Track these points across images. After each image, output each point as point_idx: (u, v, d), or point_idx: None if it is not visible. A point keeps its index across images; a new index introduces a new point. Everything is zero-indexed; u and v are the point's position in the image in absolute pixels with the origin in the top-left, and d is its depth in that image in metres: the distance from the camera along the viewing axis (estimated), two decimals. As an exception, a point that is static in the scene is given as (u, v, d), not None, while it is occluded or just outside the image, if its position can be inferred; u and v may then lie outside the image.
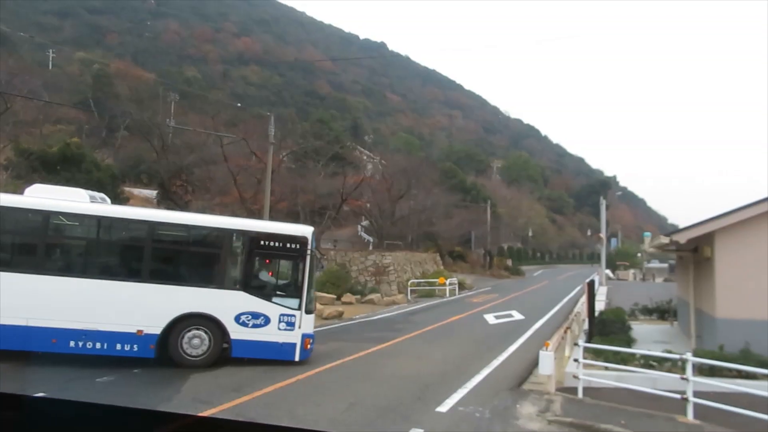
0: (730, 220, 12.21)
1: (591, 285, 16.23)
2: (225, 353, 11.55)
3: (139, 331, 11.13)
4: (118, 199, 30.57)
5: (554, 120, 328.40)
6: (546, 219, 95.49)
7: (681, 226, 16.05)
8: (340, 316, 21.79)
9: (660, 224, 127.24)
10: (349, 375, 11.26)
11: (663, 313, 20.90)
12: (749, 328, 11.22)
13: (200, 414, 7.92)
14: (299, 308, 11.89)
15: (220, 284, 11.93)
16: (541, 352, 10.44)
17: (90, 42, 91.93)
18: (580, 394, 9.84)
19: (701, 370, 9.98)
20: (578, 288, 34.94)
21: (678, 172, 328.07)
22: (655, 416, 8.61)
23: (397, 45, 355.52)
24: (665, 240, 13.97)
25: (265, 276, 12.56)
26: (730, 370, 9.61)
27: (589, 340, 12.72)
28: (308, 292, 12.10)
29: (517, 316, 22.39)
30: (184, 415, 2.21)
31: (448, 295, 32.03)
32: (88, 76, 63.86)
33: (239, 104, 51.53)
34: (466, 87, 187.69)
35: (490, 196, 65.95)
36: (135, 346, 11.11)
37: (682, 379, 8.80)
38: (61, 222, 11.83)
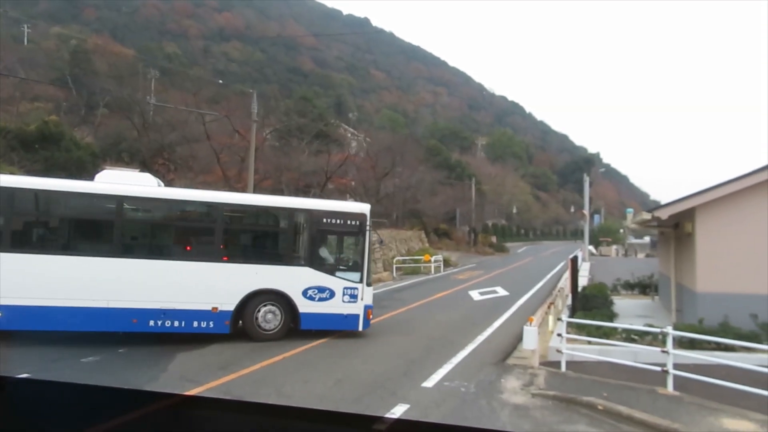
0: (710, 197, 12.36)
1: (574, 261, 16.40)
2: (294, 326, 12.21)
3: (214, 308, 11.68)
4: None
5: (539, 97, 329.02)
6: (530, 196, 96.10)
7: (663, 202, 16.23)
8: (325, 293, 21.79)
9: (642, 201, 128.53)
10: (335, 352, 11.32)
11: (645, 288, 21.24)
12: (728, 302, 11.45)
13: (187, 393, 7.93)
14: (361, 281, 12.66)
15: (288, 261, 12.60)
16: (525, 327, 10.58)
17: (66, 16, 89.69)
18: (563, 368, 10.01)
19: (681, 344, 10.18)
20: (562, 264, 35.33)
21: (660, 149, 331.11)
22: (637, 388, 8.79)
23: (381, 21, 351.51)
24: (647, 216, 14.14)
25: (328, 252, 13.22)
26: (709, 342, 9.80)
27: (572, 315, 12.89)
28: (368, 265, 12.89)
29: (501, 292, 22.62)
30: (171, 394, 2.20)
31: (433, 272, 32.21)
32: (65, 52, 62.36)
33: (221, 81, 50.79)
34: (451, 64, 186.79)
35: (474, 174, 66.03)
36: (211, 322, 11.67)
37: (663, 352, 8.97)
38: (136, 206, 12.17)
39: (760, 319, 11.09)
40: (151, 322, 11.32)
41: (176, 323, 11.47)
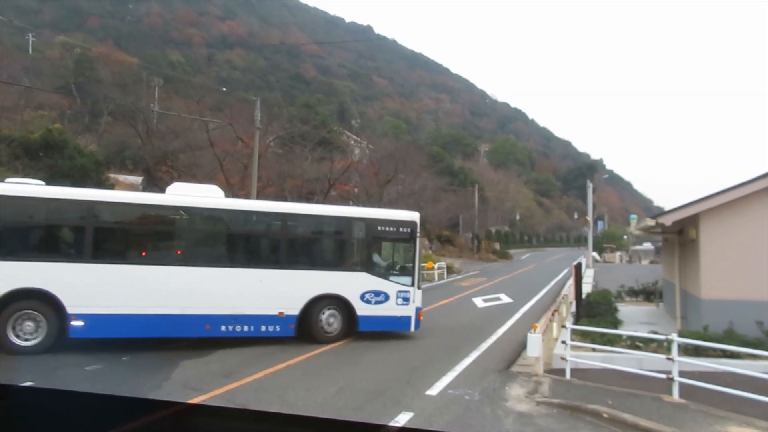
0: (714, 202, 12.32)
1: (578, 268, 16.36)
2: (350, 328, 12.95)
3: (280, 312, 12.30)
4: (102, 185, 30.21)
5: (541, 103, 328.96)
6: (533, 202, 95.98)
7: (667, 208, 16.20)
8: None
9: (646, 207, 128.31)
10: (339, 359, 11.28)
11: (649, 294, 21.17)
12: (733, 309, 11.39)
13: (190, 401, 7.92)
14: (412, 284, 13.54)
15: (347, 267, 13.43)
16: (529, 334, 10.54)
17: (71, 25, 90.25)
18: (567, 376, 9.95)
19: (686, 351, 10.13)
20: (565, 271, 35.25)
21: (664, 155, 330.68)
22: (642, 396, 8.73)
23: (383, 28, 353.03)
24: (651, 222, 14.10)
25: (383, 257, 13.96)
26: (714, 349, 9.75)
27: (576, 322, 12.85)
28: (418, 269, 13.78)
29: (505, 299, 22.56)
30: (174, 403, 2.19)
31: (436, 279, 32.16)
32: (69, 61, 62.67)
33: (224, 89, 51.04)
34: (453, 70, 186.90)
35: (477, 180, 66.03)
36: (277, 326, 12.31)
37: (668, 359, 8.92)
38: (207, 217, 12.77)
39: (766, 326, 11.03)
40: (223, 327, 11.86)
41: (246, 328, 12.03)
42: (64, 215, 11.62)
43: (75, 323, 10.77)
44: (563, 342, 10.64)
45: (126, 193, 12.66)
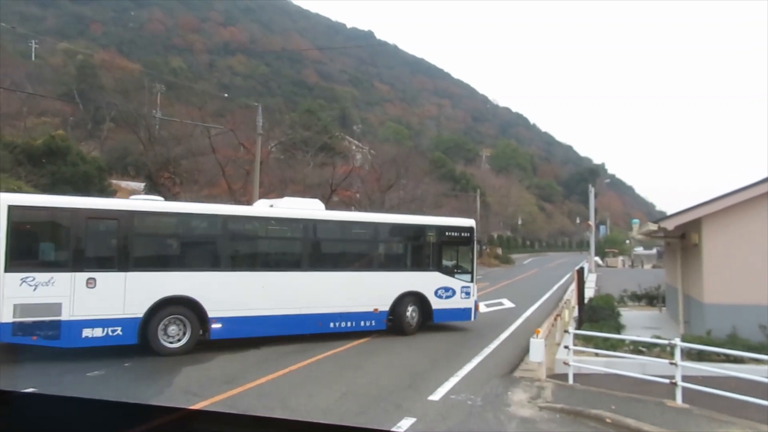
0: (716, 207, 12.30)
1: (580, 272, 16.32)
2: (426, 321, 14.98)
3: (375, 309, 14.17)
4: (105, 192, 30.26)
5: (543, 108, 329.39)
6: (535, 207, 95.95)
7: (669, 212, 16.16)
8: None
9: (648, 211, 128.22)
10: (341, 365, 11.27)
11: (652, 299, 21.10)
12: (736, 313, 11.36)
13: (192, 407, 7.91)
14: (472, 281, 15.82)
15: (423, 268, 15.33)
16: (531, 339, 10.51)
17: (73, 32, 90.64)
18: (570, 381, 9.93)
19: (690, 355, 10.10)
20: (568, 276, 35.19)
21: (666, 160, 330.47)
22: (645, 401, 8.70)
23: (384, 34, 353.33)
24: (653, 227, 14.07)
25: (449, 258, 15.87)
26: (717, 354, 9.72)
27: (579, 327, 12.81)
28: (475, 268, 16.17)
29: (507, 304, 22.51)
30: (176, 408, 2.18)
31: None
32: (72, 67, 62.96)
33: (226, 95, 51.14)
34: (455, 76, 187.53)
35: (479, 185, 66.03)
36: (373, 321, 14.11)
37: (671, 364, 8.89)
38: (314, 227, 14.12)
39: (769, 330, 10.98)
40: (331, 324, 13.48)
41: (349, 323, 13.75)
42: (203, 229, 13.05)
43: (215, 326, 11.93)
44: (566, 347, 10.60)
45: (253, 208, 14.23)
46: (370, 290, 14.17)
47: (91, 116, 49.25)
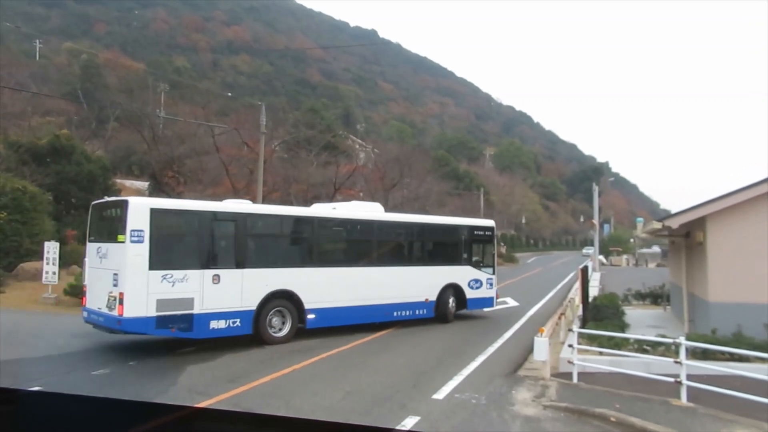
0: (721, 205, 12.24)
1: (584, 271, 16.27)
2: (460, 308, 17.09)
3: (426, 299, 16.19)
4: (109, 191, 30.36)
5: (546, 106, 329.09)
6: (539, 206, 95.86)
7: (673, 211, 16.12)
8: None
9: (652, 209, 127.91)
10: (345, 364, 11.27)
11: (656, 298, 21.04)
12: (741, 312, 11.31)
13: (197, 405, 7.92)
14: (493, 273, 18.25)
15: (459, 262, 17.40)
16: (535, 338, 10.48)
17: (77, 32, 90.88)
18: (574, 380, 9.90)
19: (694, 354, 10.07)
20: (571, 275, 35.12)
21: (671, 158, 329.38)
22: (650, 400, 8.68)
23: (388, 32, 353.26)
24: (657, 225, 14.03)
25: (476, 254, 18.07)
26: (722, 353, 9.68)
27: (583, 326, 12.78)
28: (495, 262, 18.71)
29: (511, 303, 22.48)
30: (181, 407, 2.19)
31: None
32: (76, 67, 63.13)
33: (230, 94, 51.14)
34: (458, 74, 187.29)
35: (483, 184, 65.99)
36: (424, 310, 16.13)
37: (676, 362, 8.86)
38: (380, 228, 15.89)
39: (774, 328, 10.93)
40: (395, 313, 15.37)
41: (407, 312, 15.66)
42: (300, 229, 14.48)
43: (310, 316, 13.36)
44: (570, 346, 10.58)
45: (339, 211, 15.37)
46: (423, 283, 16.12)
47: (95, 115, 49.38)
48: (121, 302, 10.68)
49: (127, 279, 10.72)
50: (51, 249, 18.51)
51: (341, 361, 11.55)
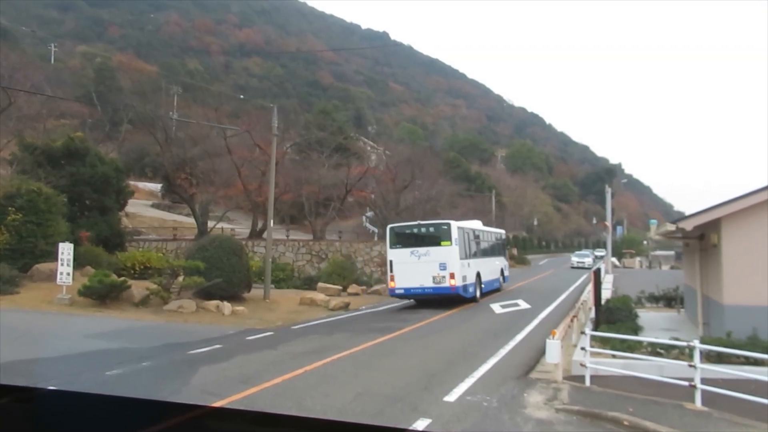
0: (736, 207, 12.12)
1: (597, 273, 16.16)
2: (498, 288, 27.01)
3: (495, 278, 26.83)
4: (123, 192, 30.60)
5: (559, 108, 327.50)
6: (551, 207, 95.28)
7: (687, 213, 15.96)
8: (346, 307, 21.83)
9: (666, 211, 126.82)
10: (356, 365, 11.28)
11: (670, 300, 20.84)
12: (757, 315, 11.17)
13: (210, 405, 7.95)
14: (507, 262, 30.55)
15: (499, 255, 28.72)
16: (547, 340, 10.42)
17: (91, 35, 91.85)
18: (587, 383, 9.84)
19: (709, 357, 9.97)
20: (584, 277, 34.86)
21: (684, 159, 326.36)
22: (663, 403, 8.60)
23: (399, 34, 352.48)
24: (671, 227, 13.90)
25: (500, 250, 29.28)
26: (737, 356, 9.58)
27: (595, 329, 12.70)
28: (507, 255, 31.55)
29: (523, 305, 22.36)
30: (195, 406, 2.20)
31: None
32: (90, 70, 63.82)
33: (242, 96, 51.41)
34: (470, 76, 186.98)
35: (494, 185, 65.77)
36: (496, 284, 27.02)
37: (690, 366, 8.77)
38: (483, 234, 26.69)
39: (791, 332, 10.79)
40: (490, 286, 25.58)
41: (493, 285, 26.34)
42: (484, 238, 26.59)
43: (482, 286, 23.89)
44: (582, 348, 10.51)
45: (483, 227, 28.32)
46: (491, 268, 25.97)
47: (109, 118, 49.83)
48: (452, 277, 20.36)
49: (455, 265, 20.62)
50: (65, 250, 18.69)
51: (353, 362, 11.56)
